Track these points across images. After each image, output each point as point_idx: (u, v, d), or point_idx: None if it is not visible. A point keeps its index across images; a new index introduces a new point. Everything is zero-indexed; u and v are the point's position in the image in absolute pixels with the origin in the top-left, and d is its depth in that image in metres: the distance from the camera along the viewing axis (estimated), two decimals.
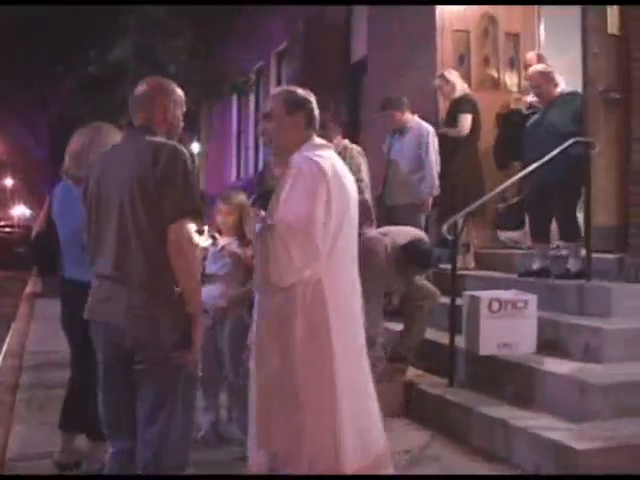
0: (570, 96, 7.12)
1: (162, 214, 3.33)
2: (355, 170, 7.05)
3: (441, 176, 8.13)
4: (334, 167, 3.75)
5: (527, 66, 8.71)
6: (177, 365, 3.40)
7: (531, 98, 8.23)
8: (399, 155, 8.24)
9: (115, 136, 4.81)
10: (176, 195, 3.32)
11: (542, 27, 9.57)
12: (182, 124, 3.76)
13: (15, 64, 14.61)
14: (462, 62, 9.41)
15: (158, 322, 3.36)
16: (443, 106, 8.87)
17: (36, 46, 13.68)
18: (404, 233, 6.54)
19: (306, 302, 3.66)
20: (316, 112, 3.95)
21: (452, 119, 8.40)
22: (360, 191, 5.23)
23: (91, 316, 3.58)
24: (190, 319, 3.39)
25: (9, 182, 29.56)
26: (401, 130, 8.28)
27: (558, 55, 9.09)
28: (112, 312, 3.44)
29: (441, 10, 9.29)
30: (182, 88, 3.79)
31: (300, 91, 3.97)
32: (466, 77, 9.33)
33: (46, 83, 14.66)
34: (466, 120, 8.27)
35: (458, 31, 9.36)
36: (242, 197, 5.91)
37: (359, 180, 6.92)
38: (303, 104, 3.89)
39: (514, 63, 9.44)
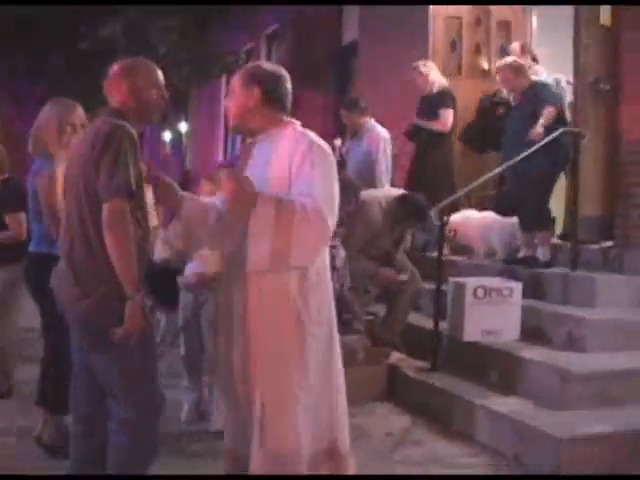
0: (541, 85, 7.09)
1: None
2: None
3: (413, 169, 8.14)
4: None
5: (515, 53, 8.73)
6: (113, 346, 3.37)
7: None
8: (352, 158, 8.25)
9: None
10: (106, 175, 3.31)
11: (534, 16, 9.57)
12: (163, 104, 3.69)
13: (3, 42, 14.47)
14: (454, 48, 9.41)
15: (90, 304, 3.39)
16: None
17: (24, 21, 13.55)
18: (394, 190, 6.79)
19: (313, 282, 3.50)
20: (283, 89, 3.63)
21: (431, 113, 8.31)
22: None
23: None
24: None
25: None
26: (356, 134, 8.26)
27: (549, 45, 9.10)
28: (61, 293, 3.55)
29: None
30: (171, 68, 3.78)
31: (265, 66, 3.72)
32: (457, 64, 9.37)
33: (34, 58, 14.53)
34: (449, 115, 8.21)
35: (450, 17, 9.35)
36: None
37: None
38: (261, 78, 3.58)
39: (504, 51, 9.42)
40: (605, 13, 6.85)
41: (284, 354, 3.44)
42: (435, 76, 8.37)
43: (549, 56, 8.55)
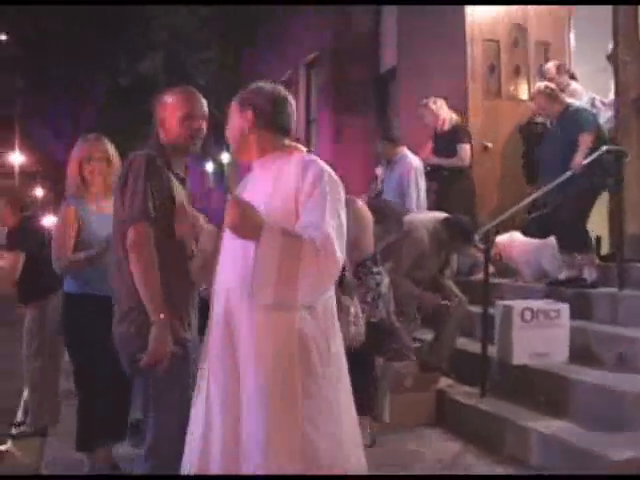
0: (574, 111, 7.02)
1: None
2: None
3: (439, 203, 8.14)
4: None
5: (546, 77, 8.70)
6: (142, 370, 3.44)
7: None
8: (387, 187, 8.23)
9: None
10: (127, 202, 3.44)
11: (572, 35, 9.52)
12: (194, 134, 3.68)
13: (46, 76, 14.77)
14: (492, 71, 9.38)
15: (123, 330, 3.52)
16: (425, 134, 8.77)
17: (67, 58, 13.83)
18: (439, 214, 6.84)
19: (323, 317, 3.22)
20: (281, 111, 3.34)
21: (448, 149, 8.28)
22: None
23: None
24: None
25: (39, 192, 29.77)
26: (390, 161, 8.26)
27: (589, 63, 9.05)
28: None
29: (471, 19, 9.27)
30: (211, 98, 3.79)
31: (260, 88, 3.38)
32: (496, 87, 9.34)
33: (77, 95, 14.81)
34: (466, 151, 8.21)
35: (488, 40, 9.33)
36: None
37: None
38: (255, 101, 3.31)
39: (543, 73, 9.38)
40: None
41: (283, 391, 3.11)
42: (445, 113, 8.35)
43: (589, 75, 8.49)
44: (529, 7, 9.39)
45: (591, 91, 8.17)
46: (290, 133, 3.39)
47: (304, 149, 3.39)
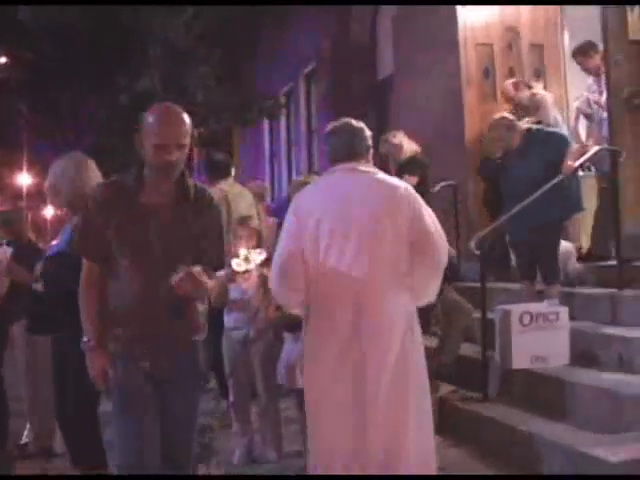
0: (546, 134, 6.93)
1: None
2: None
3: None
4: None
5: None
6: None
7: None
8: None
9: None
10: None
11: (566, 37, 9.52)
12: (168, 164, 3.44)
13: (48, 97, 14.84)
14: (487, 76, 9.39)
15: None
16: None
17: (67, 79, 13.89)
18: None
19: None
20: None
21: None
22: None
23: None
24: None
25: (49, 213, 29.85)
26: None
27: None
28: None
29: (463, 24, 9.29)
30: (210, 114, 3.74)
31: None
32: (492, 90, 9.33)
33: (79, 114, 14.87)
34: (410, 182, 8.12)
35: (481, 44, 9.34)
36: (255, 220, 6.12)
37: None
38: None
39: (539, 74, 9.38)
40: (634, 28, 6.81)
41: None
42: (405, 144, 8.27)
43: (585, 75, 8.44)
44: (521, 10, 9.41)
45: (585, 92, 8.14)
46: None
47: None
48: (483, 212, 8.58)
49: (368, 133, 4.27)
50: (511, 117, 7.06)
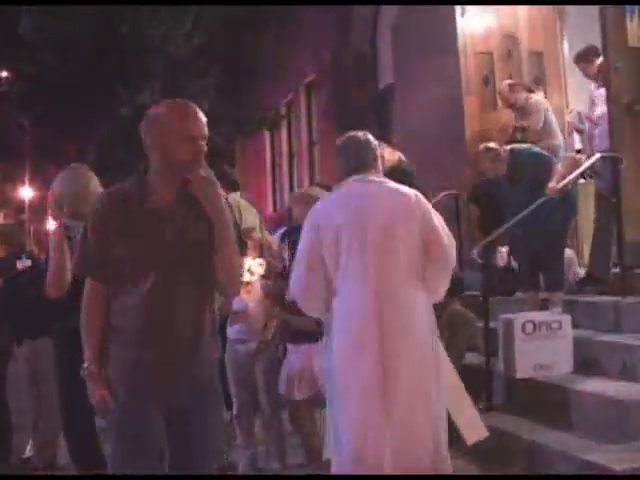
0: (533, 155, 7.00)
1: None
2: None
3: None
4: None
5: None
6: None
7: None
8: None
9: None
10: None
11: (565, 43, 9.52)
12: (199, 155, 3.24)
13: (50, 109, 14.87)
14: (487, 84, 9.39)
15: None
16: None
17: (68, 91, 13.91)
18: None
19: None
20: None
21: None
22: None
23: None
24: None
25: (51, 227, 29.85)
26: None
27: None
28: None
29: (462, 33, 9.29)
30: (211, 125, 3.51)
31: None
32: (492, 98, 9.33)
33: (81, 127, 14.90)
34: None
35: (481, 53, 9.35)
36: (258, 232, 6.11)
37: None
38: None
39: (539, 82, 9.37)
40: (633, 34, 6.80)
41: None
42: (386, 154, 8.16)
43: (584, 84, 8.43)
44: (520, 17, 9.42)
45: (584, 99, 8.15)
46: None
47: None
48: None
49: (375, 144, 4.47)
50: (495, 147, 7.07)
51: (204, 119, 3.29)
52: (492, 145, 7.13)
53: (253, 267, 5.91)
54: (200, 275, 3.26)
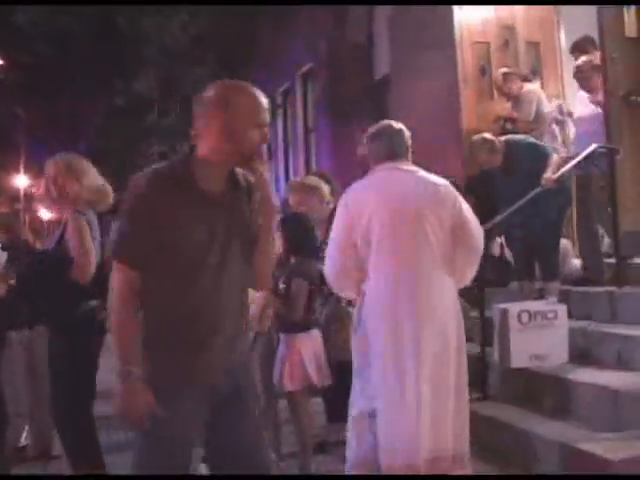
0: (526, 145, 7.05)
1: None
2: None
3: None
4: None
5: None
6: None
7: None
8: None
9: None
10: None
11: (562, 34, 9.51)
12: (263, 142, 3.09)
13: (44, 99, 14.84)
14: (484, 74, 9.38)
15: None
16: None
17: (63, 80, 13.89)
18: None
19: None
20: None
21: None
22: None
23: None
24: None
25: (45, 215, 29.75)
26: None
27: None
28: None
29: (459, 23, 9.27)
30: None
31: None
32: (488, 88, 9.33)
33: (75, 116, 14.88)
34: None
35: (478, 43, 9.34)
36: None
37: None
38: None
39: (536, 72, 9.37)
40: (630, 25, 6.80)
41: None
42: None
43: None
44: (517, 8, 9.40)
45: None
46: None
47: None
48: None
49: (407, 134, 4.63)
50: (492, 138, 7.07)
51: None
52: (488, 136, 7.14)
53: None
54: (245, 266, 3.12)
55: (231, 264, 3.04)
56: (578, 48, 7.67)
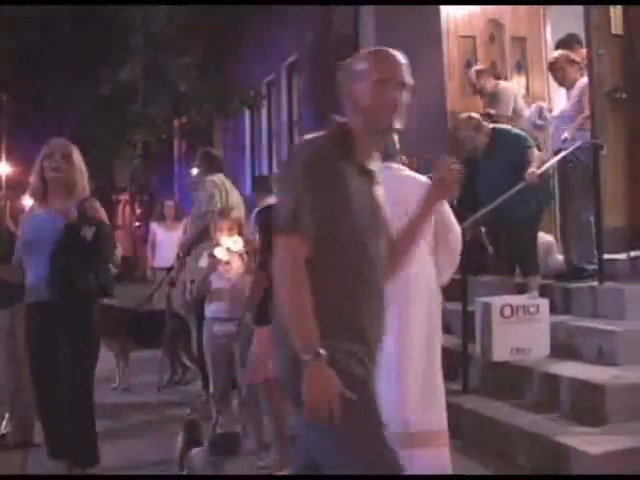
0: (507, 134, 7.05)
1: None
2: None
3: None
4: None
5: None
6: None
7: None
8: None
9: None
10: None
11: (548, 30, 9.53)
12: (391, 103, 2.84)
13: (29, 85, 14.76)
14: (469, 68, 9.38)
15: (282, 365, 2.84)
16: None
17: (48, 67, 13.82)
18: None
19: None
20: None
21: None
22: None
23: None
24: None
25: (28, 203, 29.56)
26: None
27: None
28: None
29: (446, 16, 9.28)
30: (192, 105, 3.35)
31: None
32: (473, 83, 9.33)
33: (60, 103, 14.80)
34: None
35: (464, 37, 9.35)
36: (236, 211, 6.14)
37: None
38: None
39: (521, 67, 9.40)
40: (617, 22, 6.82)
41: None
42: None
43: None
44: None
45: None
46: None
47: None
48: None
49: (396, 137, 4.57)
50: (478, 117, 7.10)
51: (405, 65, 2.93)
52: (474, 114, 7.19)
53: (231, 245, 5.90)
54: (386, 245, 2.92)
55: (381, 238, 2.87)
56: (563, 45, 7.68)
